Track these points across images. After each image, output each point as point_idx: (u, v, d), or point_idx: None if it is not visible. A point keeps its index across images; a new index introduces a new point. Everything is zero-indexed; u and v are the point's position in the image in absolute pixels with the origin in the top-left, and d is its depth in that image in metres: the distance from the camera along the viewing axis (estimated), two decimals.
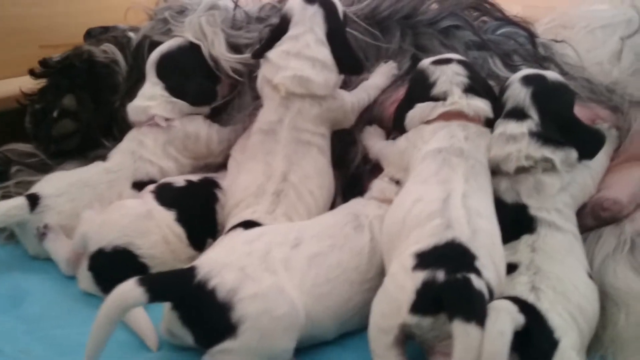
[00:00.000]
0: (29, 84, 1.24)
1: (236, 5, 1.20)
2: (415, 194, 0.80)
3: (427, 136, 0.89)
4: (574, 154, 0.87)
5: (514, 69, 1.12)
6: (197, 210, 0.99)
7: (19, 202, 0.96)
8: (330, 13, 1.01)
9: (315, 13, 1.00)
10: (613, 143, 0.99)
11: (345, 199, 1.01)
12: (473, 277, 0.67)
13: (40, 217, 0.96)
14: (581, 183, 0.89)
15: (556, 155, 0.85)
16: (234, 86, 1.16)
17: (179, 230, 0.94)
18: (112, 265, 0.89)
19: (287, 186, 0.94)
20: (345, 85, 1.09)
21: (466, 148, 0.85)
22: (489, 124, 0.92)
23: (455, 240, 0.71)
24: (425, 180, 0.82)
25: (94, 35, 1.32)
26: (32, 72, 1.19)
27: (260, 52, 1.02)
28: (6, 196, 1.06)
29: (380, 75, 1.11)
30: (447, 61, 0.95)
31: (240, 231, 0.88)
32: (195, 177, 1.05)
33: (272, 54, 0.99)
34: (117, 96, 1.19)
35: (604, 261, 0.86)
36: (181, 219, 0.95)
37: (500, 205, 0.86)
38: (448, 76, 0.92)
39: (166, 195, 0.97)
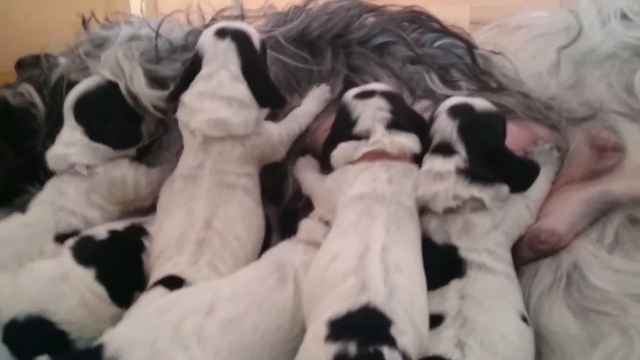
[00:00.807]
0: None
1: (157, 35, 1.13)
2: (333, 250, 0.76)
3: (351, 178, 0.85)
4: (505, 189, 0.83)
5: (452, 85, 1.09)
6: (121, 264, 0.93)
7: None
8: (244, 46, 0.95)
9: (228, 48, 0.94)
10: (554, 165, 0.95)
11: (283, 236, 0.97)
12: (386, 350, 0.63)
13: None
14: (515, 217, 0.85)
15: (485, 194, 0.81)
16: (162, 121, 1.10)
17: (99, 289, 0.88)
18: (28, 336, 0.84)
19: (210, 234, 0.90)
20: (275, 116, 1.04)
21: (389, 192, 0.81)
22: (418, 159, 0.87)
23: (370, 304, 0.67)
24: (344, 233, 0.78)
25: (25, 65, 1.26)
26: None
27: (174, 95, 0.96)
28: None
29: (312, 101, 1.06)
30: (370, 94, 0.90)
31: (158, 291, 0.83)
32: (120, 225, 0.99)
33: (186, 97, 0.94)
34: (38, 140, 1.12)
35: (539, 299, 0.83)
36: (102, 277, 0.89)
37: (431, 246, 0.82)
38: (370, 112, 0.87)
39: (85, 251, 0.92)
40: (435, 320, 0.74)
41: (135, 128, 1.08)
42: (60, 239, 0.98)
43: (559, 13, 1.15)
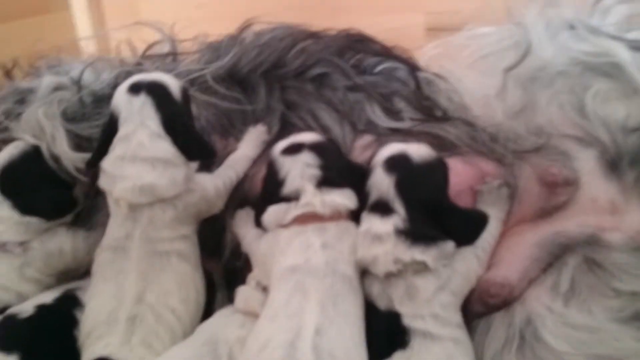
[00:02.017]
0: None
1: (79, 87, 1.05)
2: (262, 337, 0.70)
3: (283, 245, 0.79)
4: (449, 245, 0.77)
5: (395, 116, 1.02)
6: (49, 344, 0.87)
7: None
8: (161, 99, 0.88)
9: (144, 104, 0.87)
10: (504, 204, 0.88)
11: (228, 294, 0.91)
12: None
13: None
14: (464, 272, 0.80)
15: (428, 255, 0.75)
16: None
17: None
18: None
19: (143, 309, 0.83)
20: (209, 165, 0.97)
21: (323, 262, 0.75)
22: (357, 214, 0.81)
23: None
24: (274, 316, 0.72)
25: None
26: None
27: (93, 161, 0.89)
28: None
29: (248, 144, 0.99)
30: (297, 149, 0.83)
31: None
32: (50, 297, 0.92)
33: (106, 163, 0.87)
34: None
35: None
36: None
37: (374, 312, 0.77)
38: (298, 170, 0.81)
39: (8, 334, 0.86)
40: None
41: (67, 194, 1.01)
42: None
43: (508, 27, 1.08)
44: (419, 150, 0.81)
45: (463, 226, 0.80)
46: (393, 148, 0.82)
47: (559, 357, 0.74)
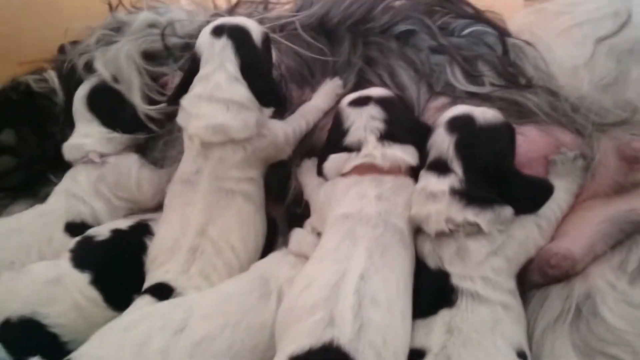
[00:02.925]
0: None
1: (173, 27, 1.10)
2: (308, 276, 0.72)
3: (340, 194, 0.80)
4: (507, 211, 0.75)
5: (475, 80, 1.00)
6: (119, 267, 0.92)
7: None
8: (242, 43, 0.90)
9: (225, 47, 0.89)
10: (578, 177, 0.85)
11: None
12: None
13: None
14: (522, 239, 0.78)
15: (482, 217, 0.74)
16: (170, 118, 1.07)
17: (94, 294, 0.88)
18: (21, 336, 0.85)
19: (204, 241, 0.87)
20: (282, 113, 0.99)
21: (375, 212, 0.75)
22: (417, 171, 0.80)
23: (334, 342, 0.63)
24: (322, 257, 0.73)
25: (66, 51, 1.26)
26: None
27: (173, 98, 0.92)
28: None
29: (322, 96, 1.00)
30: (365, 101, 0.83)
31: (145, 301, 0.82)
32: (125, 224, 0.98)
33: (184, 100, 0.90)
34: (58, 128, 1.13)
35: (543, 332, 0.75)
36: (97, 281, 0.89)
37: (424, 270, 0.76)
38: (362, 122, 0.81)
39: (83, 254, 0.92)
40: (416, 357, 0.69)
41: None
42: (70, 228, 1.00)
43: None
44: (485, 114, 0.79)
45: (525, 194, 0.77)
46: (458, 109, 0.81)
47: (615, 334, 0.70)
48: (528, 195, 0.77)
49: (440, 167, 0.77)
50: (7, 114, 1.14)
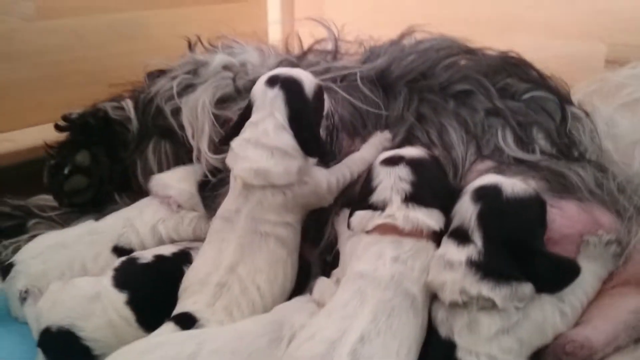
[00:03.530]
0: None
1: (245, 70, 1.16)
2: (313, 329, 0.73)
3: (361, 250, 0.81)
4: (527, 288, 0.73)
5: (525, 146, 1.00)
6: (156, 290, 0.98)
7: None
8: (293, 95, 0.94)
9: (276, 96, 0.93)
10: (609, 263, 0.83)
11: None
12: None
13: (12, 283, 1.01)
14: (539, 321, 0.75)
15: (497, 293, 0.72)
16: None
17: (128, 313, 0.94)
18: (57, 345, 0.91)
19: (232, 278, 0.91)
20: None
21: (389, 274, 0.76)
22: (441, 237, 0.81)
23: None
24: (331, 312, 0.75)
25: (152, 78, 1.35)
26: (56, 126, 1.24)
27: (225, 140, 0.97)
28: (16, 251, 1.10)
29: (370, 147, 1.02)
30: (397, 161, 0.84)
31: (169, 328, 0.86)
32: (169, 250, 1.04)
33: (234, 142, 0.95)
34: (128, 153, 1.21)
35: None
36: (133, 301, 0.94)
37: (435, 338, 0.76)
38: (390, 181, 0.82)
39: (125, 274, 0.97)
40: None
41: None
42: (117, 250, 1.06)
43: None
44: (514, 186, 0.77)
45: (549, 272, 0.74)
46: (488, 178, 0.80)
47: None
48: (552, 274, 0.75)
49: (461, 236, 0.76)
50: (84, 136, 1.23)
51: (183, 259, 1.02)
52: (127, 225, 1.09)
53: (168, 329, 0.87)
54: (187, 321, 0.87)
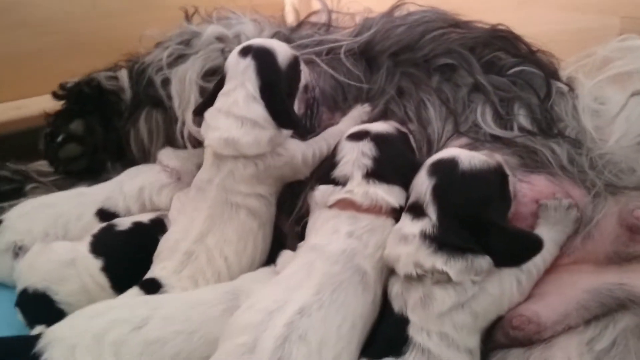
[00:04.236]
0: None
1: (238, 40, 1.15)
2: (255, 299, 0.73)
3: (319, 225, 0.81)
4: (483, 262, 0.72)
5: (503, 123, 0.97)
6: (131, 257, 0.99)
7: None
8: (265, 65, 0.93)
9: (248, 67, 0.93)
10: (568, 227, 0.81)
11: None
12: None
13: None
14: (496, 294, 0.74)
15: (451, 266, 0.71)
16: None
17: (103, 280, 0.96)
18: (33, 306, 0.94)
19: (200, 248, 0.92)
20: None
21: (339, 249, 0.76)
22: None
23: None
24: (277, 282, 0.75)
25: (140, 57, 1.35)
26: (54, 94, 1.27)
27: (200, 110, 0.98)
28: None
29: (348, 120, 1.01)
30: (361, 136, 0.83)
31: (133, 292, 0.88)
32: (147, 217, 1.06)
33: (207, 113, 0.95)
34: (122, 122, 1.23)
35: None
36: (108, 268, 0.96)
37: (388, 313, 0.75)
38: (353, 157, 0.82)
39: (102, 241, 1.00)
40: None
41: None
42: (101, 214, 1.09)
43: None
44: (472, 158, 0.75)
45: (509, 247, 0.72)
46: (446, 152, 0.78)
47: None
48: (511, 248, 0.73)
49: (417, 210, 0.75)
50: (79, 105, 1.25)
51: (158, 226, 1.04)
52: (116, 188, 1.12)
53: (133, 293, 0.89)
54: (151, 286, 0.89)
